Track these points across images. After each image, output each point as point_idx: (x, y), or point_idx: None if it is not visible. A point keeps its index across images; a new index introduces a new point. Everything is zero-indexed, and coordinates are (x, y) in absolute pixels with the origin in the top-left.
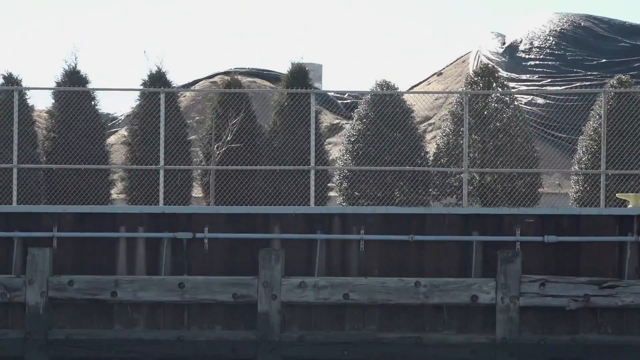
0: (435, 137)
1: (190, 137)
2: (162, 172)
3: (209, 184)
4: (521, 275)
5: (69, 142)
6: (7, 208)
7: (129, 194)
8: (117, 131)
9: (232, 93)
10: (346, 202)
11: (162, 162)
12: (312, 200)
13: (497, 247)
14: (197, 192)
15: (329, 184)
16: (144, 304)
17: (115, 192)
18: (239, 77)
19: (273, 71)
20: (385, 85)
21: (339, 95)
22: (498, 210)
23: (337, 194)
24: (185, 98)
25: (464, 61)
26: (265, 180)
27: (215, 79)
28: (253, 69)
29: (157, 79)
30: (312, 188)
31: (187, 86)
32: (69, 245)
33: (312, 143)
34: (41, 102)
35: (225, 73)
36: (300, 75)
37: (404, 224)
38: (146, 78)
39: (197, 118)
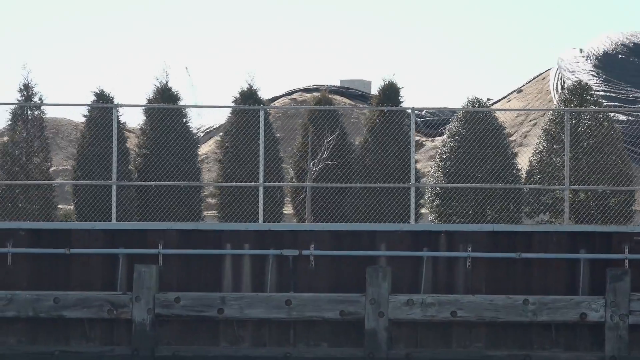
0: (517, 153)
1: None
2: (261, 190)
3: (303, 201)
4: (630, 293)
5: (160, 159)
6: (112, 225)
7: (221, 211)
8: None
9: (323, 110)
10: (438, 219)
11: (261, 180)
12: (413, 217)
13: (605, 264)
14: (287, 209)
15: (420, 201)
16: (249, 321)
17: (207, 209)
18: (319, 94)
19: (352, 89)
20: (477, 102)
21: (417, 112)
22: (606, 228)
23: (428, 212)
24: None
25: (543, 78)
26: (359, 198)
27: (294, 95)
28: (332, 86)
29: (249, 96)
30: (413, 205)
31: (267, 103)
32: (175, 262)
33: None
34: (132, 119)
35: (305, 90)
36: (392, 92)
37: (511, 241)
38: (237, 95)
39: (278, 135)
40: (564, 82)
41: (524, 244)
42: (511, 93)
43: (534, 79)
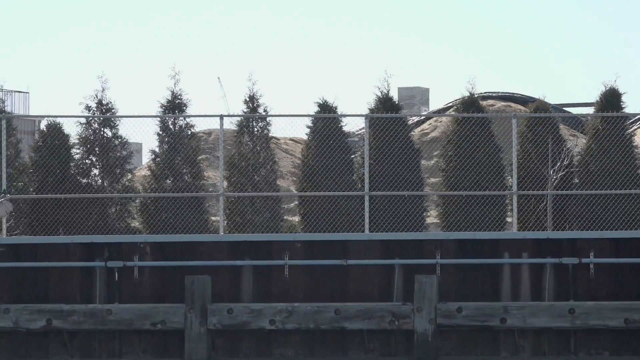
0: None
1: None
2: (515, 198)
3: (543, 210)
4: None
5: (384, 169)
6: (387, 235)
7: (444, 219)
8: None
9: (540, 118)
10: None
11: (515, 187)
12: None
13: None
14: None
15: None
16: (530, 330)
17: (430, 218)
18: (491, 101)
19: (519, 94)
20: None
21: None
22: None
23: None
24: (441, 123)
25: None
26: (584, 205)
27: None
28: (502, 92)
29: (470, 105)
30: None
31: (443, 110)
32: (452, 272)
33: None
34: (355, 128)
35: (483, 97)
36: (614, 98)
37: None
38: (459, 105)
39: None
40: None
41: None
42: None
43: None
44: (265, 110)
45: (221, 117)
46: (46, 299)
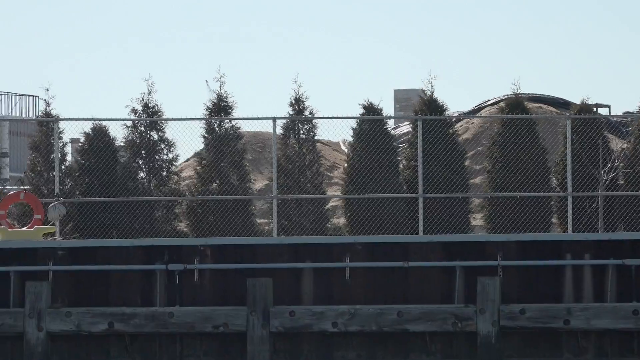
0: None
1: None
2: (570, 199)
3: (596, 211)
4: None
5: (429, 171)
6: (449, 237)
7: (489, 221)
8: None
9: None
10: None
11: (569, 189)
12: None
13: None
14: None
15: None
16: (592, 332)
17: (475, 220)
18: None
19: (550, 96)
20: None
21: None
22: None
23: None
24: (473, 125)
25: None
26: (631, 206)
27: (502, 104)
28: (535, 94)
29: (515, 106)
30: None
31: (473, 112)
32: (514, 273)
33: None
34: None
35: (517, 97)
36: None
37: None
38: (503, 105)
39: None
40: None
41: None
42: None
43: None
44: (311, 113)
45: (274, 119)
46: (106, 302)
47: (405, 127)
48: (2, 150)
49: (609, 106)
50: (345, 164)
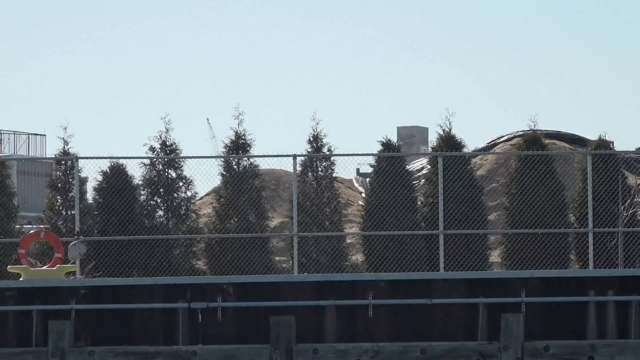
0: None
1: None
2: (591, 235)
3: (616, 247)
4: None
5: (447, 207)
6: (472, 274)
7: (508, 258)
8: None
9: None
10: None
11: (590, 225)
12: None
13: None
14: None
15: None
16: None
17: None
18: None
19: (564, 132)
20: None
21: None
22: None
23: None
24: (487, 162)
25: None
26: None
27: (514, 141)
28: (549, 130)
29: (533, 142)
30: None
31: (487, 148)
32: (538, 310)
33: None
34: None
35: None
36: None
37: None
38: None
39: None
40: None
41: None
42: None
43: None
44: (329, 150)
45: (294, 157)
46: (129, 340)
47: (419, 163)
48: (11, 189)
49: (611, 142)
50: (360, 201)
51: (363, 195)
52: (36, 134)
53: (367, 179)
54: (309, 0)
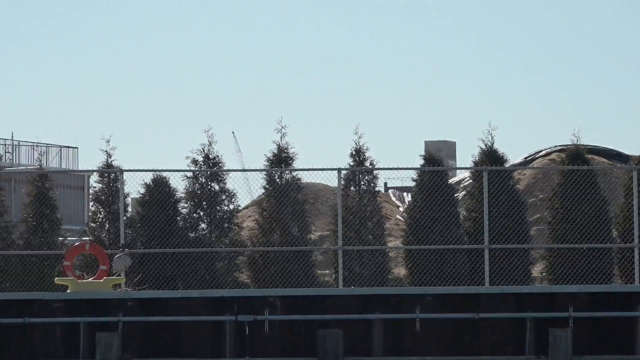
0: None
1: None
2: (637, 250)
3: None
4: None
5: (490, 222)
6: (517, 289)
7: (550, 273)
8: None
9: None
10: None
11: (636, 240)
12: None
13: None
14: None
15: None
16: None
17: (536, 272)
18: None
19: (602, 147)
20: None
21: None
22: None
23: None
24: (525, 176)
25: None
26: None
27: (553, 155)
28: (584, 145)
29: (576, 157)
30: None
31: (525, 163)
32: (586, 324)
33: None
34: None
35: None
36: None
37: None
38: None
39: (541, 196)
40: None
41: None
42: None
43: None
44: (371, 164)
45: (339, 170)
46: (176, 353)
47: (456, 178)
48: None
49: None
50: (397, 215)
51: (401, 209)
52: (68, 147)
53: (405, 193)
54: (349, 18)
